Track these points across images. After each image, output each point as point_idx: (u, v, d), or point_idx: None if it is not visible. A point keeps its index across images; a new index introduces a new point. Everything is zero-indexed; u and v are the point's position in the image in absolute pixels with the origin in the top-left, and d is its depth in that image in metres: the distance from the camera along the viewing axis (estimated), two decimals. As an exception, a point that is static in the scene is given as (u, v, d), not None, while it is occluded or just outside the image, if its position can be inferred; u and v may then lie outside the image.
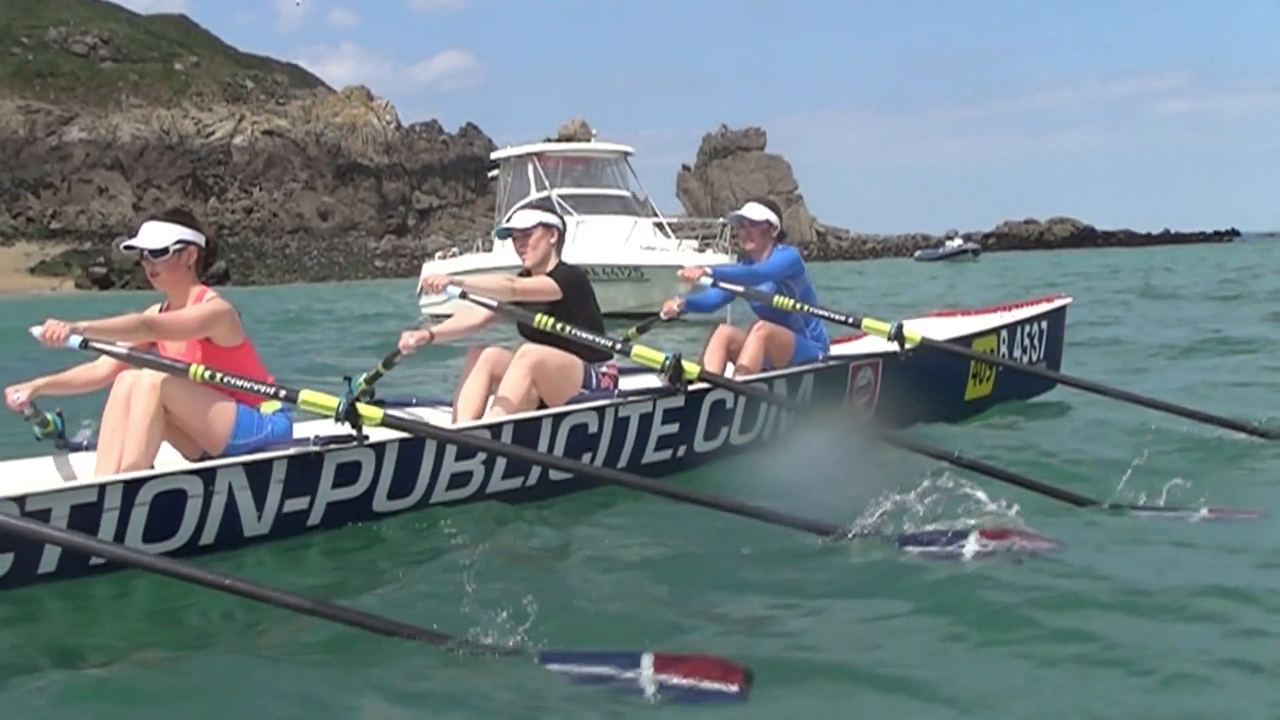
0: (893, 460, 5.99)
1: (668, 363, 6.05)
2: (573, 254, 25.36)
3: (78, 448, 5.48)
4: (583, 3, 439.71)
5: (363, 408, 4.95)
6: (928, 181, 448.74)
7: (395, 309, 31.32)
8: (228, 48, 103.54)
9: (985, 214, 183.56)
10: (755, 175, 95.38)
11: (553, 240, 6.48)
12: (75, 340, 4.70)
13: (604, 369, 6.32)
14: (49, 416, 5.22)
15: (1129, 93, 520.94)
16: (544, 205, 6.89)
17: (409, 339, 6.05)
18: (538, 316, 6.03)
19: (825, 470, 5.63)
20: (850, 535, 4.82)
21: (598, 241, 22.79)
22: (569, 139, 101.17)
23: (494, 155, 29.41)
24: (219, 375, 4.85)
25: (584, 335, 6.04)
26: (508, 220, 6.67)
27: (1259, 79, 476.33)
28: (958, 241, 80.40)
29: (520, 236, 6.45)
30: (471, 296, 6.10)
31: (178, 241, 5.15)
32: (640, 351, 6.11)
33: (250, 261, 74.03)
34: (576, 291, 6.33)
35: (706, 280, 7.28)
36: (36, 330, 4.64)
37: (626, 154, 27.86)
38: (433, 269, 27.86)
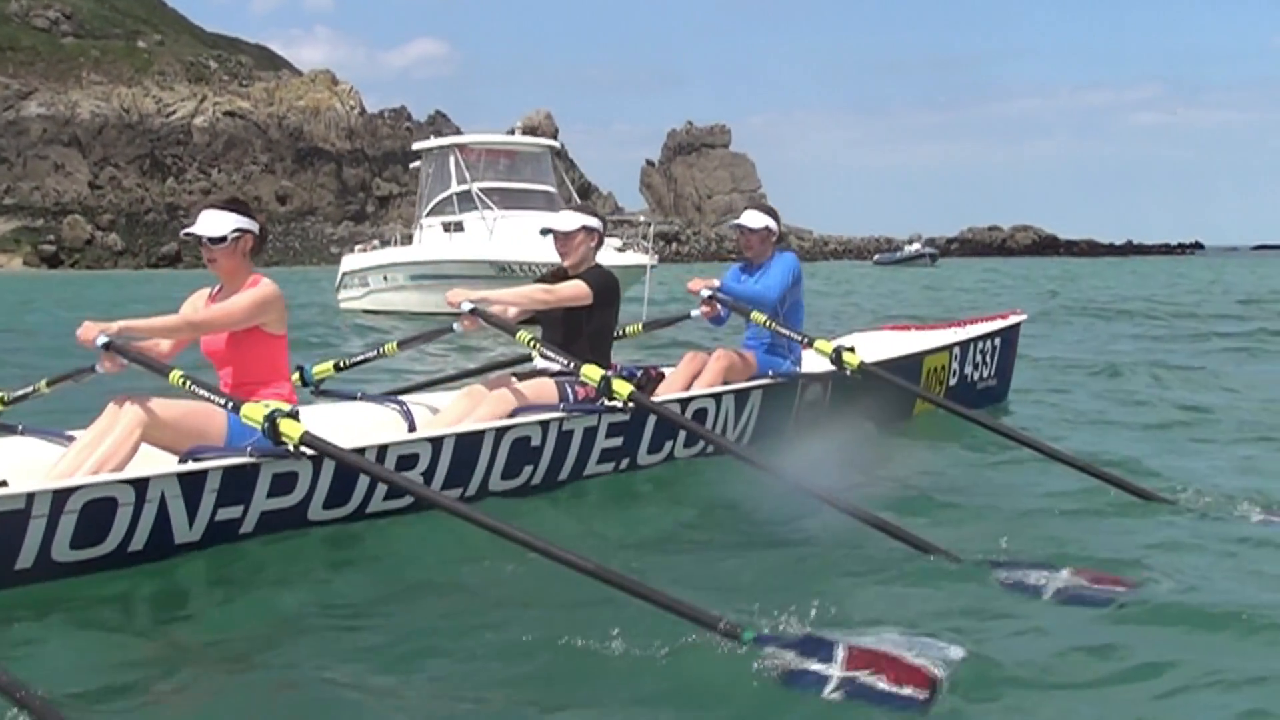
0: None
1: (601, 382, 6.04)
2: (491, 250, 24.04)
3: (10, 431, 5.49)
4: None
5: (283, 424, 4.86)
6: (897, 185, 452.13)
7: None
8: (194, 27, 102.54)
9: (955, 219, 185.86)
10: (719, 173, 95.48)
11: (593, 244, 6.64)
12: (102, 339, 4.95)
13: (580, 384, 6.26)
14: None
15: (1101, 103, 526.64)
16: (585, 208, 6.86)
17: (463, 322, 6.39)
18: (520, 332, 6.20)
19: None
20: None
21: (517, 238, 22.01)
22: (532, 130, 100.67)
23: (415, 146, 28.38)
24: (189, 383, 4.94)
25: (554, 354, 6.17)
26: (550, 222, 6.76)
27: (1230, 94, 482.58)
28: (915, 246, 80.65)
29: (563, 238, 6.55)
30: (486, 317, 6.29)
31: (235, 229, 5.31)
32: (586, 370, 6.12)
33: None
34: (604, 296, 6.48)
35: (706, 293, 7.30)
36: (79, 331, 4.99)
37: (552, 148, 27.30)
38: (351, 262, 27.37)
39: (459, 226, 24.15)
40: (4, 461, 5.35)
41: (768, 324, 7.23)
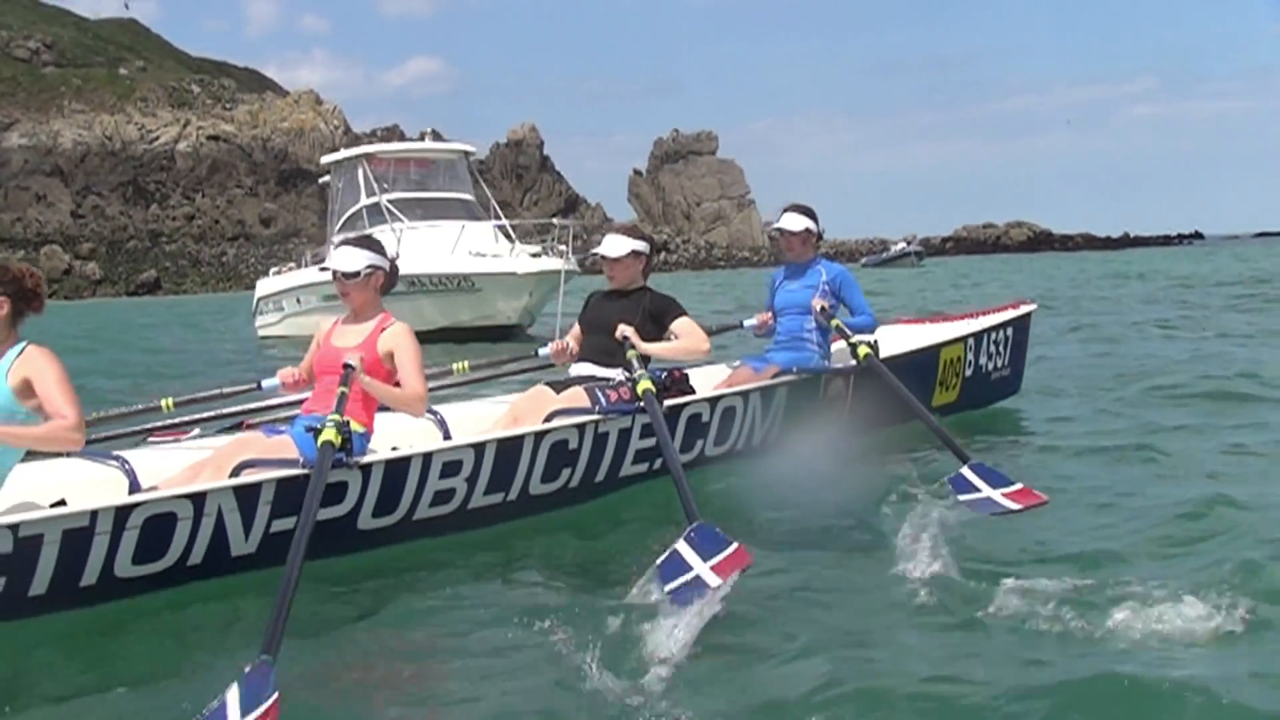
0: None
1: (627, 381, 6.32)
2: (399, 264, 22.18)
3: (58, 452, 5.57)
4: (554, 8, 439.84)
5: (326, 433, 5.03)
6: (896, 186, 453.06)
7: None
8: (179, 52, 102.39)
9: (954, 218, 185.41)
10: (707, 180, 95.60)
11: (642, 265, 6.92)
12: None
13: (617, 384, 6.46)
14: None
15: (1098, 97, 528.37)
16: (633, 231, 7.06)
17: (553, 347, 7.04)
18: (629, 352, 6.50)
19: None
20: None
21: (425, 250, 20.94)
22: (518, 144, 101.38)
23: (323, 160, 26.95)
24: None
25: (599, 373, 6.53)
26: (598, 245, 6.96)
27: (1226, 84, 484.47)
28: (900, 245, 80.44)
29: (611, 263, 6.85)
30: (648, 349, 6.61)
31: (368, 266, 5.76)
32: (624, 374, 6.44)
33: (185, 270, 73.12)
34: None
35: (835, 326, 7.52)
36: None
37: (467, 154, 25.64)
38: (265, 286, 25.72)
39: None
40: (59, 483, 5.39)
41: (823, 311, 7.48)
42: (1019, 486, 5.53)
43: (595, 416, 6.24)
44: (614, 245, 6.82)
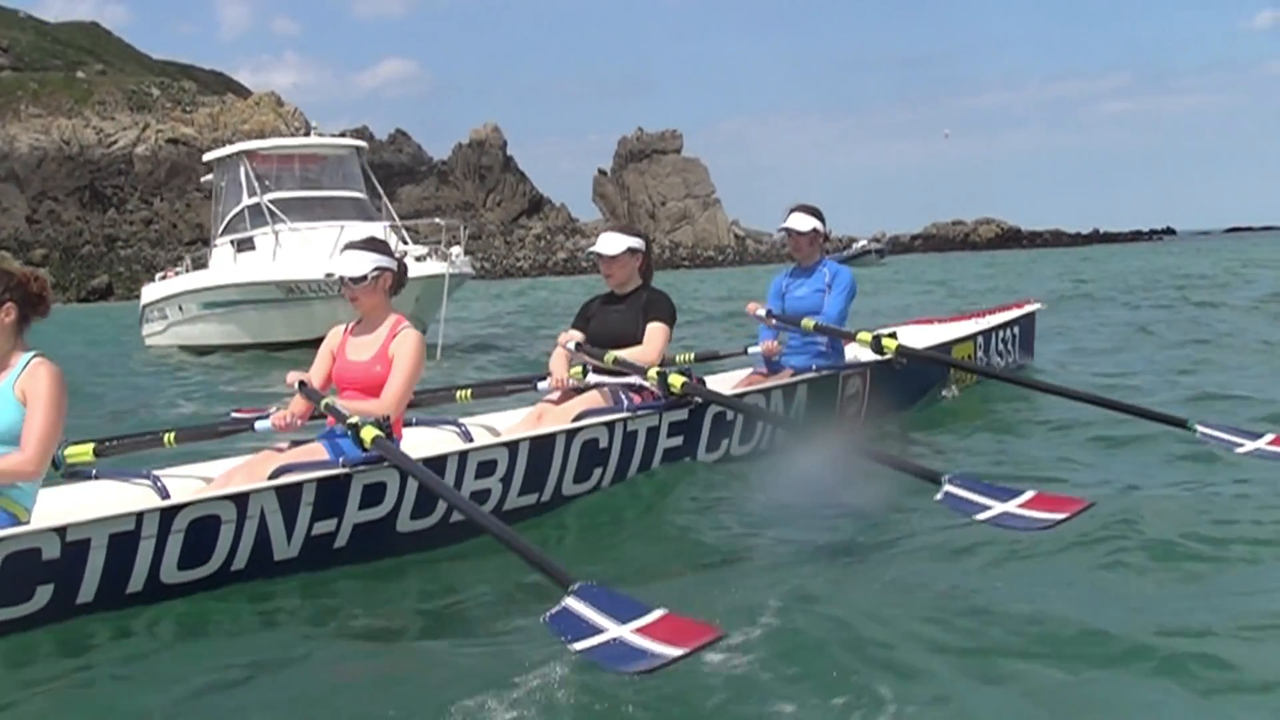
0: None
1: (659, 378, 6.28)
2: (275, 270, 19.53)
3: (84, 477, 5.45)
4: (526, 8, 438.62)
5: (364, 431, 4.95)
6: (869, 183, 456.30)
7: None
8: (141, 55, 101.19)
9: (926, 215, 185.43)
10: (672, 179, 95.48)
11: (638, 264, 6.77)
12: (298, 382, 5.53)
13: (643, 386, 6.42)
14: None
15: (1072, 94, 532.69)
16: (628, 229, 6.94)
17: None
18: (608, 355, 6.40)
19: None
20: None
21: (302, 254, 19.61)
22: (480, 144, 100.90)
23: (205, 157, 24.89)
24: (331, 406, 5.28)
25: (628, 365, 6.39)
26: (594, 244, 6.81)
27: (1198, 79, 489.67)
28: (862, 243, 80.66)
29: (608, 261, 6.69)
30: (587, 350, 6.56)
31: (375, 268, 5.60)
32: (651, 373, 6.33)
33: (139, 275, 72.08)
34: (674, 319, 6.70)
35: (762, 311, 7.66)
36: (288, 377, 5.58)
37: (359, 149, 23.60)
38: (150, 293, 23.92)
39: (249, 244, 21.11)
40: (94, 503, 5.24)
41: (814, 327, 7.48)
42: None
43: (624, 414, 6.22)
44: (610, 243, 6.70)
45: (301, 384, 5.47)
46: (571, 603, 3.66)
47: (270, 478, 5.05)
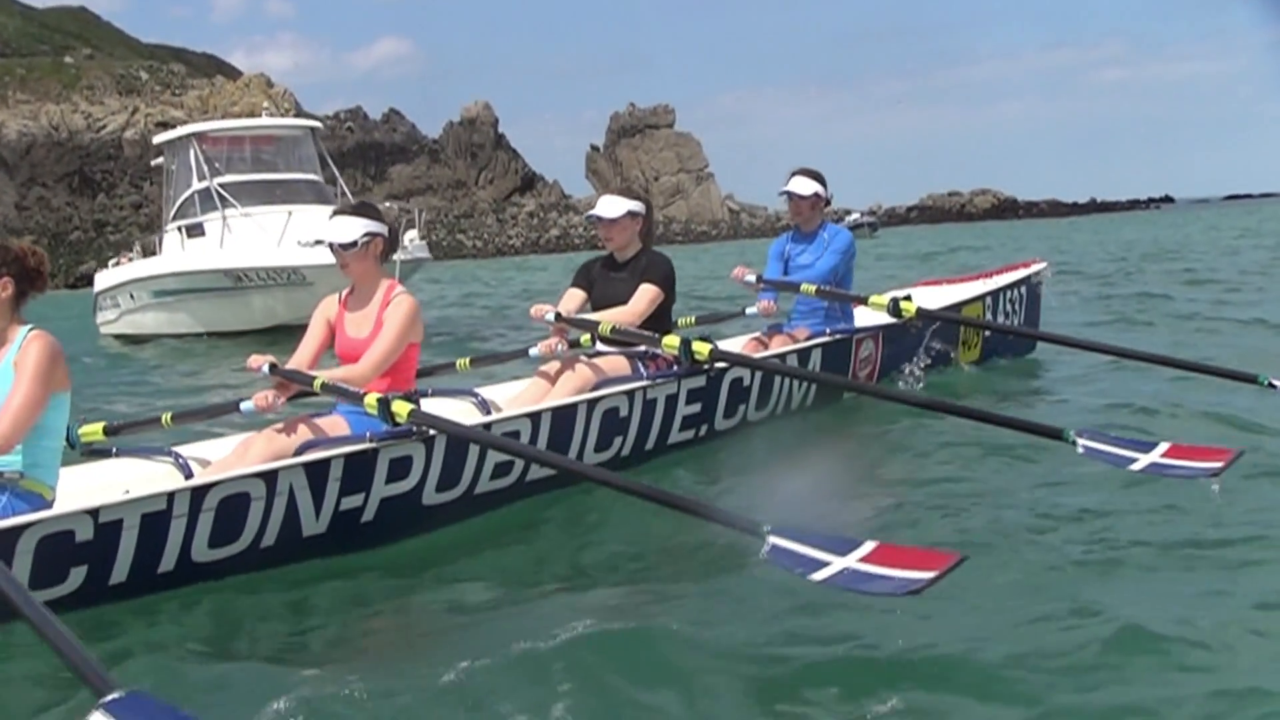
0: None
1: (681, 345, 6.26)
2: (222, 258, 18.75)
3: (105, 454, 5.43)
4: None
5: (395, 405, 4.99)
6: (866, 155, 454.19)
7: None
8: (130, 39, 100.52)
9: (923, 186, 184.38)
10: (665, 154, 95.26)
11: (639, 227, 6.65)
12: (266, 368, 5.40)
13: (656, 354, 6.40)
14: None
15: (1068, 62, 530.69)
16: (629, 192, 6.78)
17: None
18: (603, 324, 6.30)
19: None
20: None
21: (252, 240, 18.92)
22: (471, 122, 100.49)
23: (156, 140, 24.03)
24: (332, 385, 5.21)
25: (635, 333, 6.31)
26: (593, 208, 6.71)
27: (1195, 45, 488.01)
28: (855, 216, 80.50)
29: (608, 225, 6.58)
30: (571, 321, 6.46)
31: (365, 234, 5.44)
32: (667, 341, 6.30)
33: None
34: (668, 283, 6.56)
35: (751, 277, 7.59)
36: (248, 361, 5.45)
37: (314, 130, 22.69)
38: (103, 280, 23.05)
39: (199, 230, 20.30)
40: (119, 481, 5.27)
41: (816, 291, 7.43)
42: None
43: (643, 383, 6.23)
44: (610, 206, 6.61)
45: (273, 366, 5.37)
46: (778, 542, 3.72)
47: (295, 453, 5.04)
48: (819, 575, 3.61)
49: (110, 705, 2.79)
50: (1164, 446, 4.93)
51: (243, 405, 5.43)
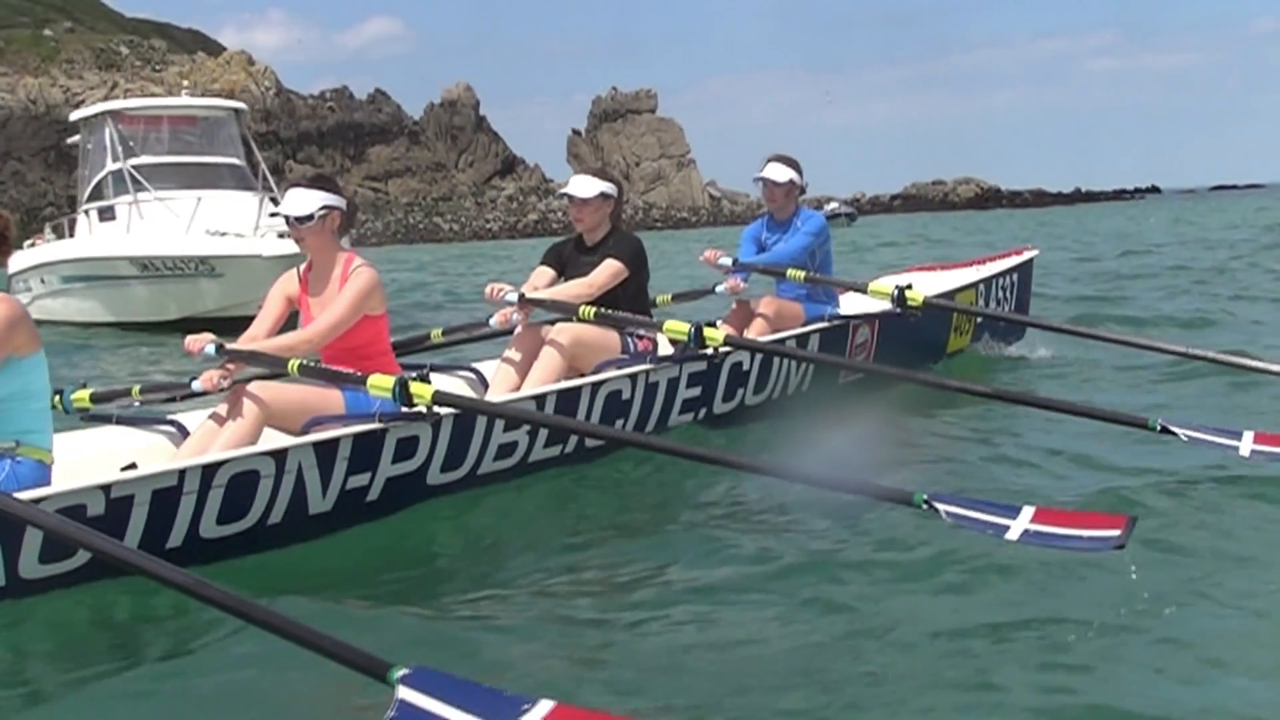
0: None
1: (691, 333, 6.26)
2: (129, 245, 18.03)
3: (105, 421, 5.49)
4: None
5: (414, 387, 4.99)
6: (854, 142, 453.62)
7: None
8: (113, 13, 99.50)
9: (909, 174, 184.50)
10: (646, 138, 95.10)
11: (610, 209, 6.58)
12: (211, 348, 5.12)
13: (641, 333, 6.41)
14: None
15: (1058, 51, 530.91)
16: (601, 173, 6.73)
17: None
18: (583, 308, 6.20)
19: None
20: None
21: (163, 226, 17.79)
22: (452, 104, 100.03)
23: (72, 117, 22.82)
24: (313, 366, 5.11)
25: (624, 316, 6.30)
26: (565, 185, 6.70)
27: (1185, 36, 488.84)
28: (833, 205, 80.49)
29: (579, 204, 6.52)
30: (540, 302, 6.33)
31: (322, 207, 5.31)
32: (671, 326, 6.33)
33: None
34: (637, 262, 6.49)
35: (726, 261, 7.57)
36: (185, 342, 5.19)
37: (238, 111, 21.49)
38: (16, 262, 20.43)
39: (110, 214, 19.09)
40: (114, 450, 5.28)
41: (805, 277, 7.47)
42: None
43: (646, 366, 6.26)
44: (582, 185, 6.54)
45: (219, 348, 5.14)
46: (945, 508, 3.84)
47: (302, 431, 5.05)
48: (1010, 535, 3.78)
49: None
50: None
51: (194, 385, 5.26)
